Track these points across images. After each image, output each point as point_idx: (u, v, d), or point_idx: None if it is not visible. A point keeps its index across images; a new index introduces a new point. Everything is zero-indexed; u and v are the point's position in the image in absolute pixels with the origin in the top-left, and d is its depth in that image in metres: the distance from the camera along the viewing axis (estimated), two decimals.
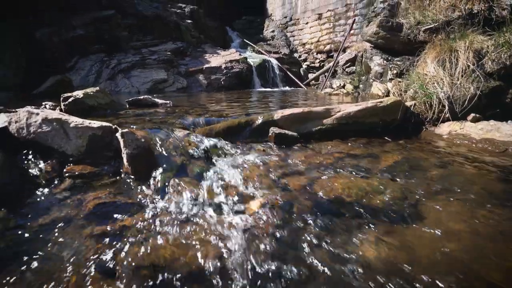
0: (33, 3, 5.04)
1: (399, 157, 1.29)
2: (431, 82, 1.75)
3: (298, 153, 1.30)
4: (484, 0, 2.88)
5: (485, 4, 2.88)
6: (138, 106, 2.20)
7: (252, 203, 0.84)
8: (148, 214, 0.80)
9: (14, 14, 4.80)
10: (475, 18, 2.92)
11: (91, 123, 1.07)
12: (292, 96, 4.78)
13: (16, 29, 4.76)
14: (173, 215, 0.80)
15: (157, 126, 1.44)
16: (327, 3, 8.95)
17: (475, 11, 2.93)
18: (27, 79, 4.78)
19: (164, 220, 0.77)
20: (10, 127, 1.10)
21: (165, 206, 0.84)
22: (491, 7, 2.83)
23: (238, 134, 1.56)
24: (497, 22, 2.43)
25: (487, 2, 2.86)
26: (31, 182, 0.98)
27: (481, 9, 2.88)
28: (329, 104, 3.18)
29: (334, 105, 1.72)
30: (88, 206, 0.82)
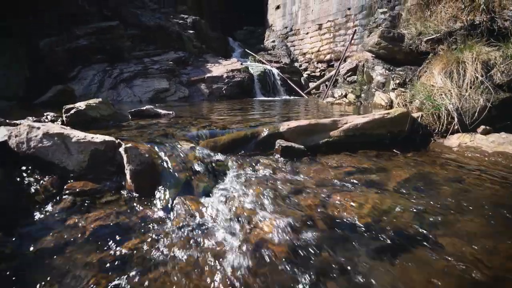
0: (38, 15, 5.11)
1: (410, 171, 1.25)
2: (438, 94, 1.72)
3: (307, 168, 1.26)
4: (485, 11, 2.90)
5: (486, 15, 2.90)
6: (140, 117, 2.17)
7: (262, 224, 0.79)
8: (153, 238, 0.75)
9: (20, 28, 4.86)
10: (477, 29, 2.93)
11: (94, 137, 1.03)
12: (294, 105, 4.78)
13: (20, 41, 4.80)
14: (179, 238, 0.75)
15: (161, 139, 1.40)
16: (327, 14, 9.10)
17: (477, 22, 2.94)
18: (29, 88, 4.79)
19: (169, 244, 0.72)
20: (10, 141, 1.06)
21: (170, 228, 0.79)
22: (493, 18, 2.85)
23: (244, 146, 1.53)
24: (501, 33, 2.44)
25: (489, 13, 2.88)
26: (30, 199, 0.94)
27: (483, 20, 2.89)
28: (332, 114, 3.16)
29: (341, 117, 1.69)
30: (89, 229, 0.78)
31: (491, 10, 2.84)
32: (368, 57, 4.53)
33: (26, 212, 0.86)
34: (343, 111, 3.38)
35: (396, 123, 1.75)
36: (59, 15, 5.38)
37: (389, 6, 6.37)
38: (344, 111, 3.43)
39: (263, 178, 1.11)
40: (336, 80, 6.03)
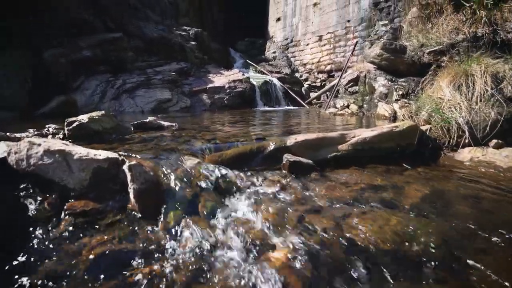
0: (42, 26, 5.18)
1: (425, 189, 1.20)
2: (447, 107, 1.70)
3: (317, 185, 1.21)
4: (487, 24, 2.92)
5: (489, 27, 2.92)
6: (143, 129, 2.14)
7: (276, 251, 0.74)
8: (158, 265, 0.69)
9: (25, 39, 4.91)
10: (480, 41, 2.95)
11: (96, 154, 0.99)
12: (296, 115, 4.76)
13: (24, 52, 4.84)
14: (186, 266, 0.69)
15: (165, 154, 1.36)
16: (327, 25, 9.26)
17: (479, 34, 2.96)
18: (31, 99, 4.79)
19: (176, 273, 0.66)
20: (9, 158, 1.02)
21: (176, 254, 0.74)
22: (495, 30, 2.87)
23: (250, 161, 1.48)
24: (506, 45, 2.44)
25: (491, 26, 2.90)
26: (28, 221, 0.89)
27: (485, 32, 2.91)
28: (337, 125, 3.13)
29: (349, 130, 1.65)
30: (90, 256, 0.72)
31: (493, 23, 2.86)
32: (369, 68, 4.55)
33: (23, 235, 0.81)
34: (346, 123, 3.35)
35: (404, 136, 1.72)
36: (63, 27, 5.45)
37: (389, 18, 6.48)
38: (347, 122, 3.40)
39: (272, 197, 1.07)
40: (337, 91, 6.05)
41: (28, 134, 1.68)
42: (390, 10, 6.54)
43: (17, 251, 0.74)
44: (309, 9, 9.82)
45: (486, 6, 2.88)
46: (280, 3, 11.03)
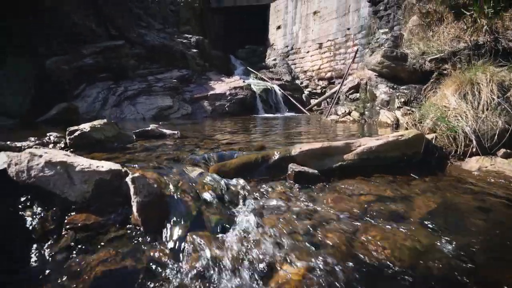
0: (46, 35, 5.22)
1: (434, 200, 1.17)
2: (452, 115, 1.68)
3: (323, 196, 1.18)
4: (489, 32, 2.93)
5: (490, 35, 2.93)
6: (145, 137, 2.12)
7: (285, 270, 0.70)
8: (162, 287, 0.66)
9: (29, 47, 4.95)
10: (482, 49, 2.96)
11: (99, 166, 0.97)
12: (297, 122, 4.75)
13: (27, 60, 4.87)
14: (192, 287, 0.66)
15: (168, 164, 1.34)
16: (327, 33, 9.36)
17: (480, 42, 2.97)
18: (33, 105, 4.80)
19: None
20: (9, 169, 1.00)
21: (180, 275, 0.71)
22: (496, 38, 2.88)
23: (254, 171, 1.46)
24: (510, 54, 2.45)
25: (492, 34, 2.91)
26: (27, 236, 0.86)
27: (487, 40, 2.92)
28: (339, 133, 3.12)
29: (354, 139, 1.63)
30: (91, 276, 0.69)
31: (495, 31, 2.87)
32: (370, 76, 4.56)
33: (21, 253, 0.78)
34: (349, 130, 3.34)
35: (410, 145, 1.69)
36: (66, 35, 5.50)
37: (388, 26, 6.54)
38: (350, 130, 3.38)
39: (278, 209, 1.03)
40: (338, 98, 6.06)
41: (29, 143, 1.66)
42: (390, 18, 6.61)
43: (15, 271, 0.71)
44: (309, 17, 9.94)
45: (487, 14, 2.90)
46: (281, 11, 11.19)
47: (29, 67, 4.88)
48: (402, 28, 5.25)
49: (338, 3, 8.79)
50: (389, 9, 6.69)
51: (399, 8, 6.17)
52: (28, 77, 4.82)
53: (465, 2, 3.36)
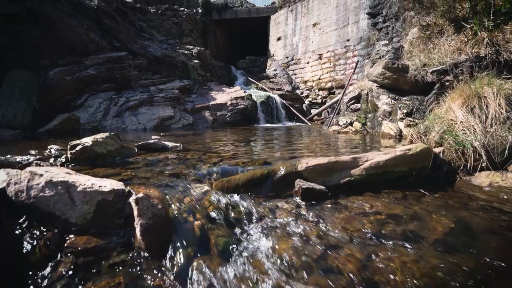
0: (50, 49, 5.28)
1: (448, 220, 1.13)
2: (460, 129, 1.65)
3: (333, 215, 1.13)
4: (490, 44, 2.95)
5: (491, 48, 2.95)
6: (147, 150, 2.09)
7: None
8: None
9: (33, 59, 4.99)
10: (483, 61, 2.97)
11: (101, 186, 0.93)
12: (299, 133, 4.73)
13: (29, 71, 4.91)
14: None
15: (172, 181, 1.30)
16: (326, 44, 9.50)
17: (482, 54, 2.99)
18: (35, 116, 4.79)
19: None
20: (8, 189, 0.96)
21: None
22: (498, 51, 2.90)
23: (259, 187, 1.42)
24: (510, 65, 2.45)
25: (493, 46, 2.94)
26: (24, 260, 0.81)
27: (488, 52, 2.94)
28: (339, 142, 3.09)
29: (361, 154, 1.60)
30: None
31: (496, 43, 2.90)
32: (372, 86, 4.58)
33: (18, 278, 0.74)
34: (352, 142, 3.31)
35: (418, 160, 1.66)
36: (70, 47, 5.56)
37: (387, 38, 6.64)
38: (353, 141, 3.36)
39: (287, 230, 0.99)
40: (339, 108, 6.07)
41: (29, 157, 1.63)
42: (389, 30, 6.72)
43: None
44: (309, 29, 10.12)
45: (487, 27, 2.93)
46: (281, 23, 11.40)
47: (31, 78, 4.91)
48: (402, 39, 5.32)
49: (337, 15, 8.97)
50: (388, 21, 6.81)
51: (398, 20, 6.29)
52: (30, 88, 4.84)
53: (464, 15, 3.41)
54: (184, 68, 7.99)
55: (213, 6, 12.31)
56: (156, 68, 7.36)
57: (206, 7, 12.09)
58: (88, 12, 6.32)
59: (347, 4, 8.58)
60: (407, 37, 4.43)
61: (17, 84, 4.79)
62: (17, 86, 4.77)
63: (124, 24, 7.34)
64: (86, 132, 4.67)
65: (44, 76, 5.15)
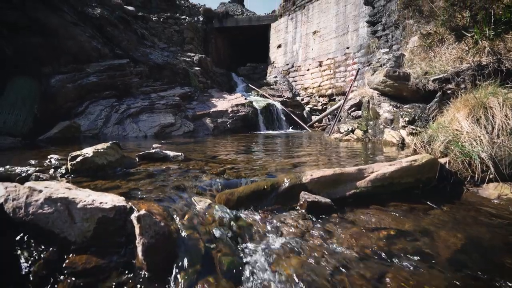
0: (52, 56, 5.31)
1: (458, 236, 1.09)
2: (466, 139, 1.63)
3: (340, 230, 1.10)
4: (491, 53, 2.96)
5: (493, 57, 2.96)
6: (149, 160, 2.06)
7: None
8: None
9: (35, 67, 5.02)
10: (485, 70, 2.97)
11: (102, 202, 0.90)
12: (301, 141, 4.71)
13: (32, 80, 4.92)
14: None
15: (174, 193, 1.27)
16: (327, 52, 9.57)
17: (483, 63, 2.99)
18: (36, 124, 4.78)
19: None
20: (6, 205, 0.93)
21: None
22: (500, 59, 2.90)
23: (263, 199, 1.39)
24: None
25: (495, 55, 2.94)
26: (21, 281, 0.78)
27: (490, 61, 2.94)
28: (341, 151, 3.06)
29: (366, 165, 1.57)
30: None
31: (497, 52, 2.90)
32: (373, 94, 4.58)
33: None
34: (354, 149, 3.28)
35: (424, 171, 1.63)
36: (73, 55, 5.60)
37: (387, 45, 6.69)
38: (355, 150, 3.33)
39: (294, 248, 0.96)
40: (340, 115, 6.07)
41: (28, 168, 1.60)
42: (388, 37, 6.78)
43: None
44: (309, 37, 10.22)
45: (488, 36, 2.94)
46: (281, 31, 11.53)
47: (34, 86, 4.93)
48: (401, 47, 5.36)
49: (337, 24, 9.07)
50: (387, 29, 6.88)
51: (397, 28, 6.35)
52: (32, 95, 4.85)
53: (465, 24, 3.43)
54: (185, 75, 8.03)
55: (214, 15, 12.47)
56: (158, 75, 7.40)
57: (207, 15, 12.25)
58: (91, 20, 6.39)
59: (346, 13, 8.69)
60: (407, 45, 4.46)
61: (19, 91, 4.80)
62: (19, 93, 4.78)
63: (126, 32, 7.41)
64: (87, 139, 4.65)
65: (46, 84, 5.16)
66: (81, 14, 6.27)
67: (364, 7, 7.82)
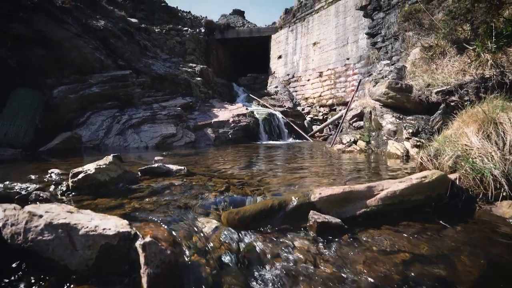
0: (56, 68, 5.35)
1: (477, 260, 1.04)
2: (476, 155, 1.60)
3: (353, 255, 1.05)
4: (494, 66, 2.97)
5: (496, 69, 2.96)
6: (151, 174, 2.02)
7: None
8: None
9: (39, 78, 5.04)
10: (488, 82, 2.97)
11: (105, 229, 0.86)
12: (303, 152, 4.67)
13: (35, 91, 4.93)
14: None
15: (179, 214, 1.23)
16: (327, 63, 9.67)
17: (487, 75, 3.00)
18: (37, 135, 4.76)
19: None
20: (4, 230, 0.89)
21: None
22: (503, 72, 2.90)
23: (271, 218, 1.34)
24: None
25: (498, 68, 2.95)
26: None
27: (493, 74, 2.95)
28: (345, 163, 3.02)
29: (376, 182, 1.53)
30: None
31: (500, 65, 2.91)
32: (375, 105, 4.58)
33: None
34: (358, 162, 3.24)
35: (434, 188, 1.59)
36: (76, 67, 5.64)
37: (387, 57, 6.76)
38: (358, 161, 3.29)
39: (306, 275, 0.90)
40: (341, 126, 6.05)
41: (28, 186, 1.56)
42: (388, 49, 6.86)
43: None
44: (309, 48, 10.36)
45: (490, 49, 2.95)
46: (281, 42, 11.70)
47: (36, 97, 4.93)
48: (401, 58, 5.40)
49: (337, 35, 9.20)
50: (387, 40, 6.97)
51: (397, 40, 6.43)
52: (34, 106, 4.85)
53: (466, 37, 3.46)
54: (187, 85, 8.08)
55: (216, 26, 12.70)
56: (160, 86, 7.44)
57: (209, 27, 12.46)
58: (95, 32, 6.48)
59: (346, 25, 8.83)
60: (408, 57, 4.49)
61: (21, 102, 4.80)
62: (21, 104, 4.78)
63: (129, 44, 7.50)
64: (88, 150, 4.61)
65: (49, 94, 5.17)
66: (85, 26, 6.36)
67: (364, 19, 7.96)
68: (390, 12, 6.74)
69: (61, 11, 5.77)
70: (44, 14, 5.26)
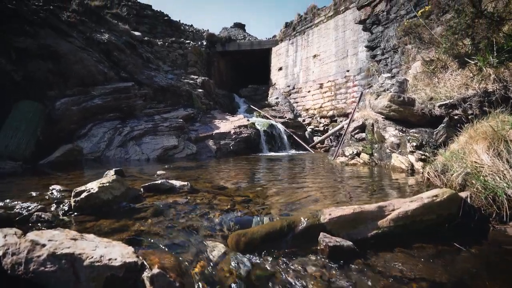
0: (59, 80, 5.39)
1: (499, 287, 0.99)
2: (487, 173, 1.57)
3: (368, 283, 1.00)
4: (497, 80, 2.98)
5: (498, 84, 2.97)
6: (155, 191, 1.98)
7: None
8: None
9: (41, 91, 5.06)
10: (492, 96, 2.97)
11: (111, 259, 0.82)
12: (305, 165, 4.63)
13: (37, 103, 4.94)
14: None
15: (185, 237, 1.18)
16: (327, 74, 9.78)
17: (490, 89, 3.00)
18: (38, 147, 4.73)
19: None
20: (4, 259, 0.85)
21: None
22: (506, 86, 2.91)
23: (279, 240, 1.29)
24: None
25: (501, 82, 2.96)
26: None
27: (496, 88, 2.95)
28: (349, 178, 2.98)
29: (386, 202, 1.49)
30: None
31: (503, 79, 2.92)
32: (377, 118, 4.58)
33: None
34: (362, 176, 3.20)
35: (446, 206, 1.55)
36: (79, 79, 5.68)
37: (387, 69, 6.84)
38: (362, 175, 3.25)
39: None
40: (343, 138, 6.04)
41: (29, 205, 1.52)
42: (388, 61, 6.95)
43: None
44: (309, 60, 10.50)
45: (492, 64, 2.97)
46: (282, 54, 11.88)
47: (38, 109, 4.94)
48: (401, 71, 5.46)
49: (337, 48, 9.35)
50: (386, 53, 7.07)
51: (396, 52, 6.52)
52: (36, 118, 4.85)
53: (467, 51, 3.50)
54: (188, 97, 8.14)
55: (217, 39, 12.93)
56: (161, 97, 7.49)
57: (211, 39, 12.69)
58: (99, 45, 6.58)
59: (345, 38, 8.99)
60: (409, 70, 4.53)
61: (24, 114, 4.80)
62: (23, 116, 4.78)
63: (132, 56, 7.61)
64: (89, 163, 4.57)
65: (51, 106, 5.18)
66: (89, 39, 6.47)
67: (363, 32, 8.11)
68: (388, 26, 6.88)
69: (67, 25, 5.89)
70: (50, 29, 5.35)
